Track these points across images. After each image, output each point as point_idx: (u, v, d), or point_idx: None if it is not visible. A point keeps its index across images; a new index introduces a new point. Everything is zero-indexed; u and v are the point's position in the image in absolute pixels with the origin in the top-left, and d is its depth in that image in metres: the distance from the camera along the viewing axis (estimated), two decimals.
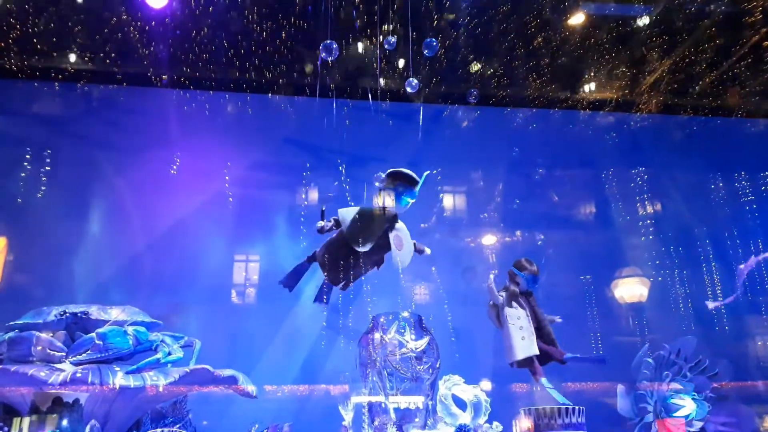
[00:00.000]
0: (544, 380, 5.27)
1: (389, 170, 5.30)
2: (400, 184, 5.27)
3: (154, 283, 6.69)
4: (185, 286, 6.76)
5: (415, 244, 5.64)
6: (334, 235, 5.39)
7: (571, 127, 8.29)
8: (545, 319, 5.61)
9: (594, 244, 8.12)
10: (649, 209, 8.20)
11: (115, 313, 4.99)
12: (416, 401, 5.12)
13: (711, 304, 6.50)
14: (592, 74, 7.80)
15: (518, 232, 8.08)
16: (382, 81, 7.22)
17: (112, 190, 7.13)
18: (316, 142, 7.64)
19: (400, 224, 5.44)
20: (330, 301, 5.67)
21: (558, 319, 5.74)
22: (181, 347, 5.13)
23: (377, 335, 5.27)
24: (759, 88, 7.88)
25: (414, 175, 5.30)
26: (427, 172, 5.33)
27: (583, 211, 8.47)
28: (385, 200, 5.26)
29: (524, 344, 5.36)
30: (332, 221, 5.23)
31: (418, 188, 5.34)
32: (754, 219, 7.98)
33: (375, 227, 5.22)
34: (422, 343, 5.23)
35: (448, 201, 8.13)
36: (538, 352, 5.37)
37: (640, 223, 8.11)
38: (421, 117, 7.29)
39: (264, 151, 7.63)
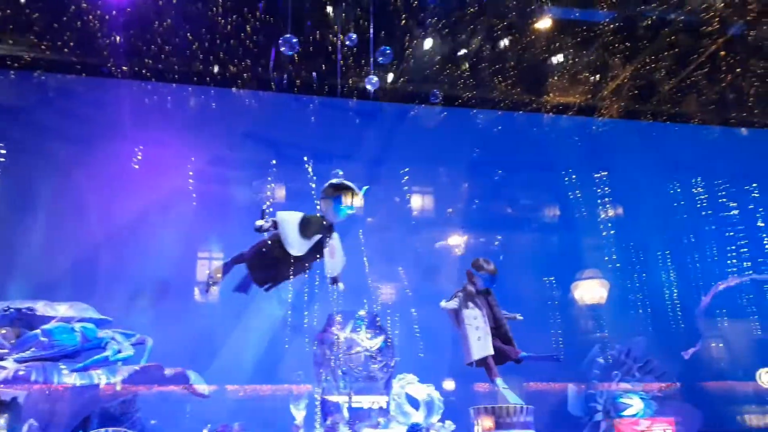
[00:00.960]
0: (499, 380, 5.34)
1: (330, 181, 5.36)
2: (341, 195, 5.33)
3: (108, 280, 6.54)
4: (140, 282, 6.63)
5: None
6: (267, 236, 5.38)
7: (535, 130, 8.40)
8: (503, 317, 5.68)
9: (554, 245, 8.25)
10: (610, 212, 8.36)
11: (63, 310, 4.87)
12: (378, 401, 5.13)
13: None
14: (556, 78, 7.91)
15: (479, 233, 8.15)
16: (344, 77, 7.20)
17: (68, 183, 6.94)
18: (280, 137, 7.58)
19: (334, 234, 5.50)
20: (250, 293, 5.64)
21: (519, 317, 5.82)
22: (132, 345, 5.03)
23: (333, 334, 5.28)
24: (715, 97, 8.11)
25: (354, 187, 5.37)
26: (366, 186, 5.44)
27: (545, 213, 8.60)
28: (325, 209, 5.33)
29: (480, 344, 5.43)
30: (271, 222, 5.23)
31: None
32: (709, 224, 8.21)
33: (311, 234, 5.28)
34: (377, 341, 5.26)
35: (411, 200, 8.16)
36: (492, 353, 5.43)
37: (601, 226, 8.27)
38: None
39: (227, 145, 7.53)
